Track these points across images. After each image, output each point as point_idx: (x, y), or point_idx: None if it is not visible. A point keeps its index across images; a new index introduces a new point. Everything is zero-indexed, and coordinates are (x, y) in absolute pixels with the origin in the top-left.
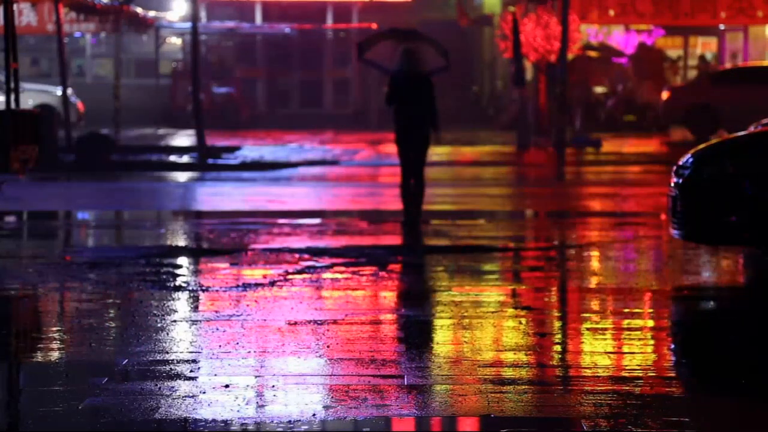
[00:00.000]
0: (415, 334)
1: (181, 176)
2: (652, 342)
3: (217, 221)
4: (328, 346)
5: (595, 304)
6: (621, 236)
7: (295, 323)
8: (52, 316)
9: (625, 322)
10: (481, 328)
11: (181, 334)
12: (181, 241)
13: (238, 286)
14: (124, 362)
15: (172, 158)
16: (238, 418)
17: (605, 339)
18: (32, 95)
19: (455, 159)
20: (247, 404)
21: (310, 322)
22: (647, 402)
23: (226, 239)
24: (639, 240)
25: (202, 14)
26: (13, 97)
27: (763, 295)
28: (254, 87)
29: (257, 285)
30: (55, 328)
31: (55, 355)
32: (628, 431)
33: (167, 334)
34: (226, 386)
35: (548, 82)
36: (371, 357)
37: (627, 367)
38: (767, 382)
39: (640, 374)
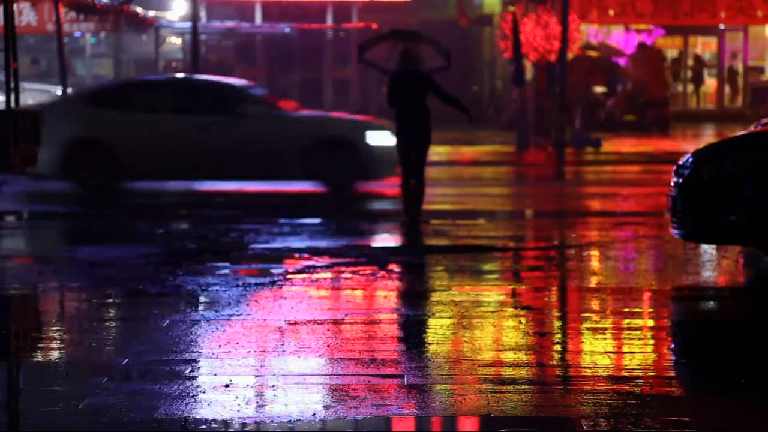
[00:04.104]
0: (415, 334)
1: None
2: (652, 342)
3: (217, 221)
4: (328, 346)
5: (595, 304)
6: (621, 236)
7: (295, 323)
8: (52, 316)
9: (625, 322)
10: (481, 328)
11: (181, 333)
12: (181, 241)
13: (238, 286)
14: (124, 362)
15: None
16: (238, 418)
17: (605, 339)
18: (32, 95)
19: (455, 159)
20: (247, 404)
21: (310, 321)
22: (647, 402)
23: (226, 239)
24: (639, 240)
25: (202, 14)
26: (13, 96)
27: (763, 295)
28: None
29: (257, 285)
30: (55, 328)
31: (55, 355)
32: (628, 431)
33: (167, 334)
34: (226, 386)
35: (548, 82)
36: (371, 357)
37: (627, 367)
38: (767, 382)
39: (640, 374)
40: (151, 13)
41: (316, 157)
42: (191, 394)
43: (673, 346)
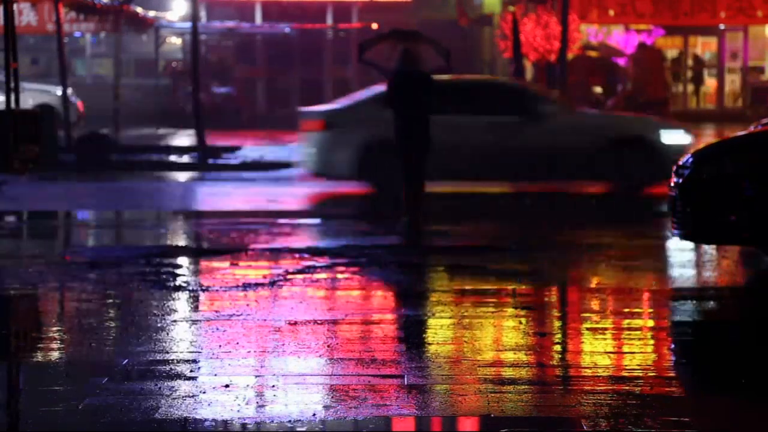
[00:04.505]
0: (415, 334)
1: (182, 176)
2: (652, 342)
3: (217, 221)
4: (328, 346)
5: (595, 304)
6: (621, 236)
7: (295, 323)
8: (52, 316)
9: (625, 322)
10: (481, 328)
11: (181, 333)
12: (181, 241)
13: (238, 286)
14: (124, 362)
15: (173, 158)
16: (238, 418)
17: (605, 339)
18: (32, 95)
19: None
20: (247, 404)
21: (310, 321)
22: (647, 402)
23: (226, 239)
24: (639, 240)
25: (202, 14)
26: (13, 96)
27: (763, 295)
28: (254, 87)
29: (257, 285)
30: (55, 328)
31: (55, 355)
32: (629, 431)
33: (167, 333)
34: (227, 386)
35: (548, 82)
36: (371, 357)
37: (627, 367)
38: (767, 382)
39: (640, 374)
40: (151, 13)
41: (609, 156)
42: (191, 394)
43: (673, 346)
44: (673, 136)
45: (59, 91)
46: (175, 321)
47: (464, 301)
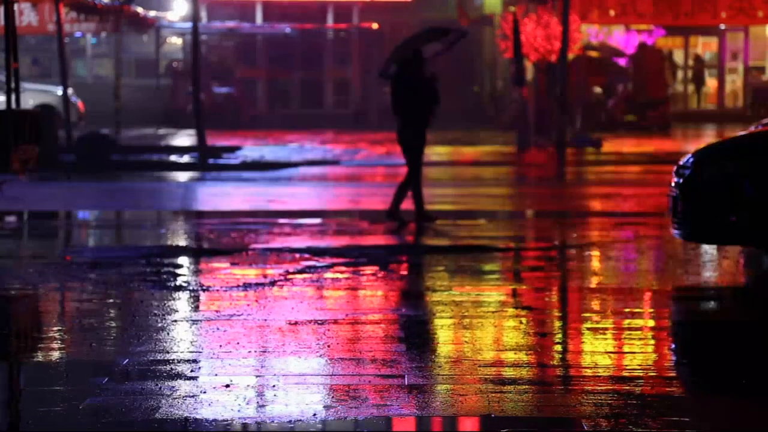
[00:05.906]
0: (415, 334)
1: (182, 176)
2: (652, 342)
3: (217, 221)
4: (328, 346)
5: (595, 304)
6: (621, 236)
7: (296, 323)
8: (52, 316)
9: (626, 322)
10: (482, 328)
11: (181, 333)
12: (181, 241)
13: (238, 286)
14: (124, 362)
15: (173, 158)
16: (239, 418)
17: (605, 339)
18: (32, 95)
19: (455, 159)
20: (247, 404)
21: (310, 321)
22: (647, 402)
23: (226, 239)
24: (639, 240)
25: (203, 14)
26: (13, 97)
27: (763, 295)
28: (254, 87)
29: (257, 285)
30: (55, 328)
31: (55, 355)
32: (629, 431)
33: (168, 333)
34: (227, 386)
35: (548, 82)
36: (371, 357)
37: (627, 367)
38: (767, 382)
39: (641, 374)
40: (152, 14)
41: None
42: (192, 394)
43: (673, 346)
44: None
45: (60, 92)
46: (175, 321)
47: (464, 301)
